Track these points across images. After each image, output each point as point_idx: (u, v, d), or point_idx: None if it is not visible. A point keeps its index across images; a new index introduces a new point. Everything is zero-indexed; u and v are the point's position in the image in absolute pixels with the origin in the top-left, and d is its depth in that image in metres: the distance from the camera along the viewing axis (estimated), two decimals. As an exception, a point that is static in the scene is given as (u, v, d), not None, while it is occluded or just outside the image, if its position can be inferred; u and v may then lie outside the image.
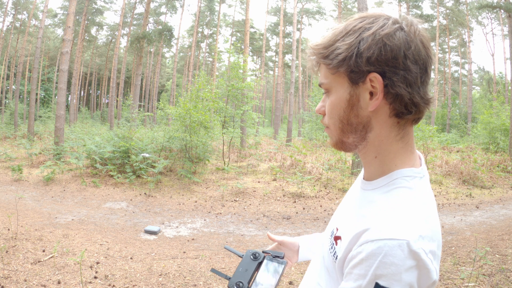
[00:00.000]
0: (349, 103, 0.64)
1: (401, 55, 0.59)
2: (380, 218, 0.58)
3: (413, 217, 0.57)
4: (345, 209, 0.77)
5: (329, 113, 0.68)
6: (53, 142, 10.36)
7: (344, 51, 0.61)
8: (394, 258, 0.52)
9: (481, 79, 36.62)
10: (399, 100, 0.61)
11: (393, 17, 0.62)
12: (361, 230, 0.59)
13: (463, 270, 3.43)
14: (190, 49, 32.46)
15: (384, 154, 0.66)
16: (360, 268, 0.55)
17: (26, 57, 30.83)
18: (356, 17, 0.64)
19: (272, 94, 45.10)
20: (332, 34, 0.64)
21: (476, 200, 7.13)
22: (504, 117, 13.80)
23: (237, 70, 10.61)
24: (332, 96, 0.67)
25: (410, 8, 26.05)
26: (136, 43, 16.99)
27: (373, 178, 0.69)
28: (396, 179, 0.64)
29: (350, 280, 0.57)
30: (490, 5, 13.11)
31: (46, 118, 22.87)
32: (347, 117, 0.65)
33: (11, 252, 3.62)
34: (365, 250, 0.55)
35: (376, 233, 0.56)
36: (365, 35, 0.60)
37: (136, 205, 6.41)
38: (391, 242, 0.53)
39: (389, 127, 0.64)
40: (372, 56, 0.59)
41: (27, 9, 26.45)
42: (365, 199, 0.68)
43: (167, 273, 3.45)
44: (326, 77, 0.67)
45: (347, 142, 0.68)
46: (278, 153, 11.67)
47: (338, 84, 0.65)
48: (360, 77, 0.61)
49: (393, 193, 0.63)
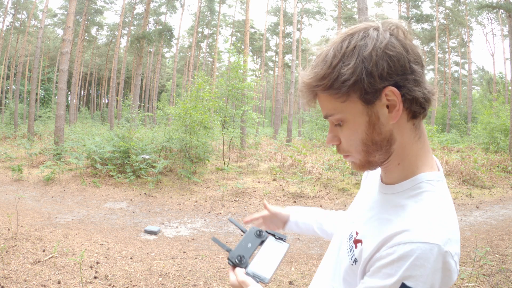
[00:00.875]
0: (370, 124, 0.63)
1: (406, 60, 0.59)
2: (411, 222, 0.59)
3: (442, 221, 0.59)
4: (363, 213, 0.76)
5: (348, 141, 0.66)
6: (53, 142, 10.36)
7: (351, 75, 0.59)
8: (424, 261, 0.55)
9: (481, 79, 36.63)
10: (415, 102, 0.62)
11: (378, 25, 0.62)
12: (391, 234, 0.60)
13: (463, 270, 3.43)
14: (190, 49, 32.46)
15: (406, 159, 0.66)
16: (390, 268, 0.57)
17: (26, 57, 30.83)
18: (341, 37, 0.62)
19: (272, 94, 45.11)
20: (323, 61, 0.61)
21: (476, 200, 7.13)
22: (504, 117, 13.79)
23: (237, 70, 10.61)
24: (348, 124, 0.64)
25: (410, 8, 26.05)
26: (136, 43, 17.00)
27: (395, 182, 0.68)
28: (421, 183, 0.65)
29: (377, 278, 0.59)
30: (490, 5, 13.10)
31: (46, 118, 22.87)
32: (371, 138, 0.64)
33: (11, 252, 3.62)
34: (398, 252, 0.57)
35: (409, 236, 0.57)
36: (366, 54, 0.58)
37: (136, 205, 6.41)
38: (424, 246, 0.55)
39: (409, 131, 0.65)
40: (384, 72, 0.59)
41: (27, 9, 26.44)
42: (388, 203, 0.68)
43: (167, 273, 3.45)
44: (333, 108, 0.63)
45: (374, 160, 0.67)
46: (278, 153, 11.67)
47: (352, 110, 0.62)
48: (375, 96, 0.60)
49: (421, 198, 0.63)
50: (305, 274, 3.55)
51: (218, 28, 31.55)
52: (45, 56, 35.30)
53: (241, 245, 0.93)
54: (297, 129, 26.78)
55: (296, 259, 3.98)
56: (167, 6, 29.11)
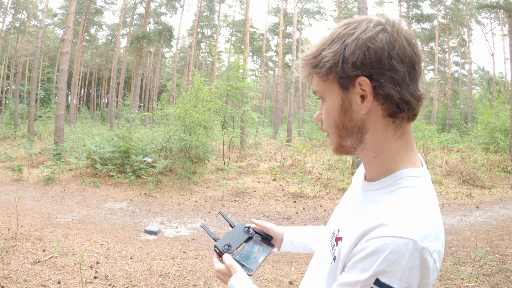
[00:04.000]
0: (342, 108, 0.66)
1: (385, 56, 0.60)
2: (386, 217, 0.59)
3: (418, 216, 0.58)
4: (345, 211, 0.77)
5: (325, 120, 0.70)
6: (53, 142, 10.36)
7: (331, 58, 0.63)
8: (398, 257, 0.53)
9: (481, 79, 36.61)
10: (389, 100, 0.62)
11: (376, 20, 0.63)
12: (367, 228, 0.59)
13: (463, 270, 3.43)
14: (190, 49, 32.44)
15: (384, 154, 0.67)
16: (364, 262, 0.56)
17: (26, 57, 30.82)
18: (340, 24, 0.66)
19: (272, 94, 45.10)
20: (319, 43, 0.67)
21: (476, 200, 7.12)
22: (504, 117, 13.79)
23: (236, 70, 10.61)
24: (326, 103, 0.69)
25: (410, 8, 26.04)
26: (136, 43, 17.00)
27: (376, 179, 0.69)
28: (400, 179, 0.65)
29: (352, 273, 0.59)
30: (490, 5, 13.10)
31: (46, 118, 22.87)
32: (342, 122, 0.67)
33: (11, 252, 3.62)
34: (371, 246, 0.56)
35: (383, 230, 0.56)
36: (348, 41, 0.62)
37: (136, 205, 6.41)
38: (398, 240, 0.54)
39: (384, 127, 0.65)
40: (357, 61, 0.61)
41: (26, 9, 26.44)
42: (367, 199, 0.69)
43: (167, 273, 3.45)
44: (318, 85, 0.69)
45: (346, 145, 0.70)
46: (278, 153, 11.67)
47: (330, 91, 0.67)
48: (349, 82, 0.63)
49: (398, 193, 0.63)
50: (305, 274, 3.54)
51: (218, 28, 31.54)
52: (45, 56, 35.29)
53: (229, 236, 0.96)
54: (297, 129, 26.77)
55: (296, 259, 3.98)
56: (167, 6, 29.10)
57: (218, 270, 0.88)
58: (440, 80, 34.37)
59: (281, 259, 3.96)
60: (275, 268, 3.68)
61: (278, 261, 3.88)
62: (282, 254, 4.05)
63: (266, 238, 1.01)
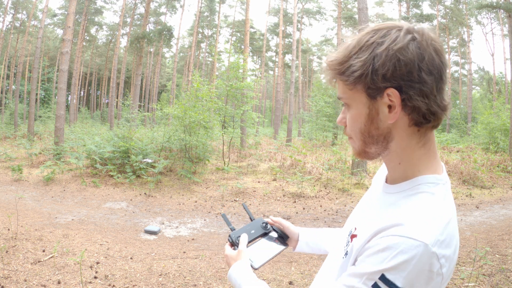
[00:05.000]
0: (369, 117, 0.66)
1: (415, 68, 0.60)
2: (402, 218, 0.60)
3: (433, 221, 0.59)
4: (363, 211, 0.79)
5: (350, 126, 0.70)
6: (53, 142, 10.36)
7: (359, 68, 0.62)
8: (408, 257, 0.54)
9: (481, 79, 36.61)
10: (416, 112, 0.62)
11: (405, 27, 0.62)
12: (382, 227, 0.61)
13: (463, 270, 3.43)
14: (190, 49, 32.44)
15: (407, 161, 0.68)
16: (375, 257, 0.58)
17: (26, 57, 30.82)
18: (368, 30, 0.64)
19: (272, 94, 45.10)
20: (346, 49, 0.65)
21: (476, 200, 7.12)
22: (504, 117, 13.79)
23: (236, 70, 10.60)
24: (352, 110, 0.69)
25: (410, 8, 26.03)
26: (136, 43, 16.99)
27: (396, 182, 0.70)
28: (420, 185, 0.66)
29: (361, 265, 0.61)
30: (490, 5, 13.08)
31: (46, 118, 22.87)
32: (368, 130, 0.67)
33: (11, 252, 3.62)
34: (384, 242, 0.57)
35: (398, 230, 0.58)
36: (378, 51, 0.60)
37: (136, 205, 6.41)
38: (410, 241, 0.55)
39: (409, 136, 0.66)
40: (388, 73, 0.60)
41: (26, 9, 26.43)
42: (386, 201, 0.70)
43: (167, 273, 3.45)
44: (344, 92, 0.68)
45: (370, 152, 0.70)
46: (278, 153, 11.66)
47: (356, 100, 0.66)
48: (377, 92, 0.63)
49: (416, 197, 0.64)
50: (305, 274, 3.54)
51: (218, 28, 31.54)
52: (45, 56, 35.29)
53: (246, 228, 0.97)
54: (297, 129, 26.77)
55: (296, 259, 3.98)
56: (167, 6, 29.10)
57: (227, 254, 0.93)
58: (440, 80, 34.28)
59: (281, 259, 3.96)
60: (275, 268, 3.68)
61: (278, 261, 3.88)
62: (282, 254, 4.05)
63: (282, 237, 1.01)
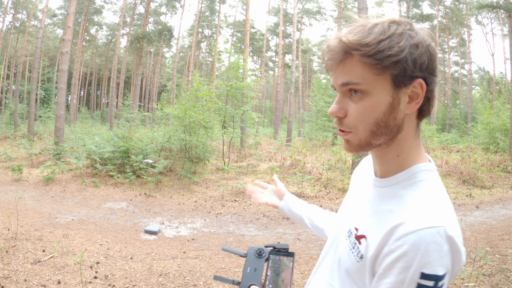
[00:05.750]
0: (391, 106, 0.64)
1: (437, 65, 0.65)
2: (413, 210, 0.61)
3: (442, 205, 0.61)
4: (358, 209, 0.76)
5: (361, 116, 0.65)
6: (53, 142, 10.36)
7: (398, 53, 0.60)
8: (435, 245, 0.56)
9: (481, 79, 36.61)
10: (429, 103, 0.66)
11: (417, 26, 0.65)
12: (395, 225, 0.60)
13: (463, 270, 3.43)
14: (190, 49, 32.45)
15: (405, 152, 0.69)
16: (404, 260, 0.56)
17: (26, 57, 30.83)
18: (387, 20, 0.63)
19: (272, 94, 45.10)
20: (368, 31, 0.61)
21: (476, 200, 7.12)
22: (504, 117, 13.79)
23: (236, 70, 10.60)
24: (370, 98, 0.64)
25: (410, 8, 26.03)
26: (136, 43, 16.99)
27: (390, 174, 0.70)
28: (416, 173, 0.67)
29: (392, 275, 0.58)
30: (490, 5, 13.08)
31: (46, 118, 22.87)
32: (386, 120, 0.64)
33: (11, 252, 3.62)
34: (407, 243, 0.57)
35: (414, 224, 0.58)
36: (414, 42, 0.61)
37: (136, 205, 6.41)
38: (431, 230, 0.56)
39: (413, 127, 0.68)
40: (424, 64, 0.62)
41: (26, 9, 26.44)
42: (385, 195, 0.70)
43: (167, 273, 3.45)
44: (364, 77, 0.63)
45: (375, 143, 0.67)
46: (278, 153, 11.67)
47: (379, 86, 0.63)
48: (406, 81, 0.62)
49: (417, 186, 0.65)
50: (305, 274, 3.54)
51: (218, 28, 31.54)
52: (45, 56, 35.30)
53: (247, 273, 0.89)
54: (297, 129, 26.78)
55: (296, 259, 3.98)
56: (167, 6, 29.10)
57: None
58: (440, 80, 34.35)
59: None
60: (275, 268, 3.68)
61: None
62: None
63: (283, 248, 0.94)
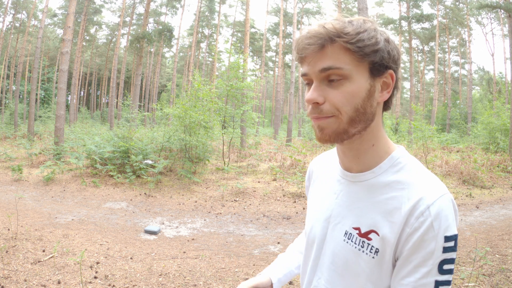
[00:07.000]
0: (369, 93, 0.68)
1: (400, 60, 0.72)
2: (420, 187, 0.67)
3: (435, 178, 0.69)
4: (345, 209, 0.75)
5: (342, 101, 0.65)
6: (53, 142, 10.36)
7: (377, 43, 0.65)
8: (449, 209, 0.64)
9: (481, 79, 36.59)
10: (392, 95, 0.72)
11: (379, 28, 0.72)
12: (412, 205, 0.65)
13: (463, 270, 3.43)
14: (190, 49, 32.44)
15: (379, 141, 0.73)
16: (431, 231, 0.62)
17: (26, 57, 30.83)
18: (360, 18, 0.68)
19: (272, 94, 45.09)
20: (348, 22, 0.65)
21: (476, 200, 7.12)
22: (504, 117, 13.78)
23: (236, 70, 10.60)
24: (351, 84, 0.65)
25: (410, 8, 26.02)
26: (136, 43, 16.99)
27: (371, 167, 0.73)
28: (398, 159, 0.72)
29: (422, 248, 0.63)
30: (490, 5, 13.08)
31: (46, 118, 22.87)
32: (365, 106, 0.68)
33: (11, 252, 3.62)
34: (431, 214, 0.63)
35: (430, 197, 0.64)
36: (386, 37, 0.68)
37: (136, 205, 6.41)
38: (443, 198, 0.64)
39: (380, 117, 0.73)
40: (395, 57, 0.69)
41: (26, 9, 26.42)
42: (374, 186, 0.71)
43: (167, 273, 3.45)
44: (345, 63, 0.64)
45: (351, 132, 0.68)
46: (278, 153, 11.67)
47: (359, 73, 0.66)
48: (381, 71, 0.68)
49: (407, 169, 0.71)
50: (305, 274, 3.54)
51: (218, 28, 31.54)
52: (45, 56, 35.29)
53: None
54: (297, 129, 26.77)
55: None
56: (167, 6, 29.09)
57: None
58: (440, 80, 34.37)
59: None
60: (275, 268, 3.67)
61: (278, 261, 3.87)
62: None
63: None
